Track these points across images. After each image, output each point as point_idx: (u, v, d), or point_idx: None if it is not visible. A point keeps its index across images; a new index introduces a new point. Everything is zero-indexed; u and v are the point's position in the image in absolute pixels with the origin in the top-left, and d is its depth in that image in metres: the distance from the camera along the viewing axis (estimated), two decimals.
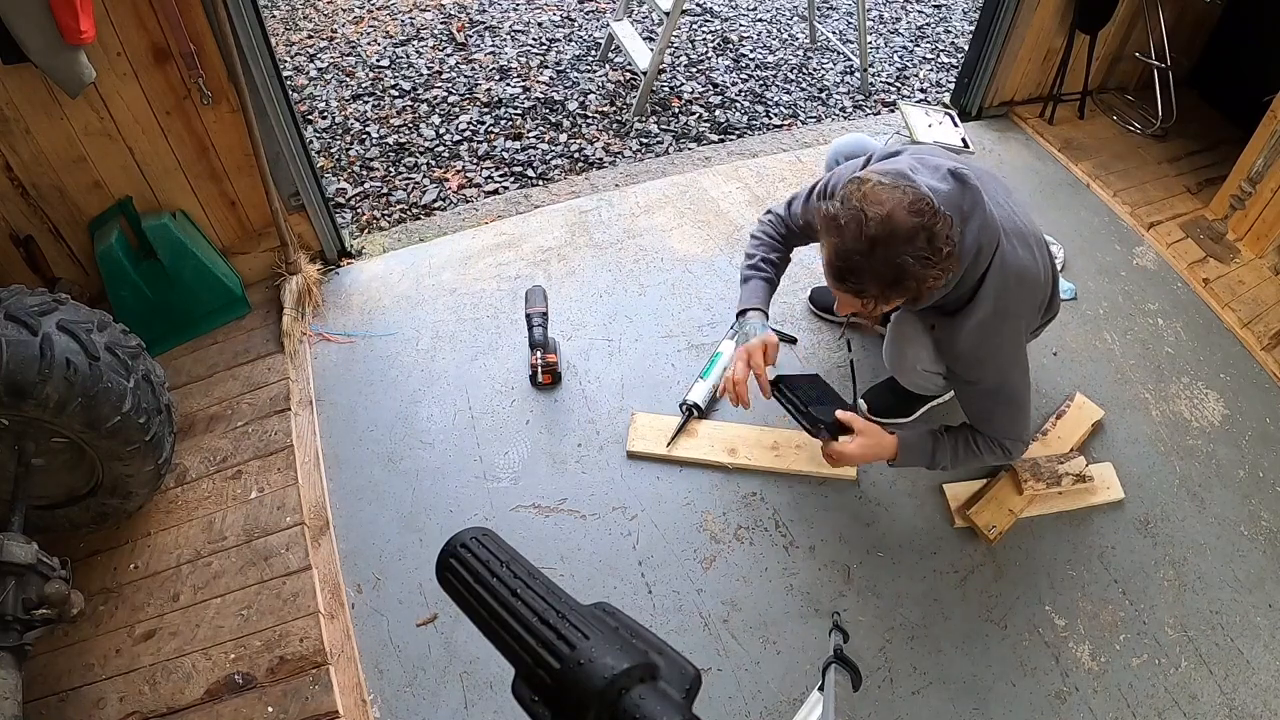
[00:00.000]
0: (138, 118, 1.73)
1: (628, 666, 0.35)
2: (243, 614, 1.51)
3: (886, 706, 1.43)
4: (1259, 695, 1.45)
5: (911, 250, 1.15)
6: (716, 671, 1.47)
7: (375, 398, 1.92)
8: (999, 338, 1.34)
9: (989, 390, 1.40)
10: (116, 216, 1.82)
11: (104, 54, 1.59)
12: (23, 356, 1.23)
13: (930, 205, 1.16)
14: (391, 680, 1.47)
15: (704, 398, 1.82)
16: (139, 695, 1.41)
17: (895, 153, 1.40)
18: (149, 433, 1.45)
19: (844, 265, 1.20)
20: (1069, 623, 1.54)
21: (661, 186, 2.50)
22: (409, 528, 1.68)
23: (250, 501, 1.68)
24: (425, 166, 2.82)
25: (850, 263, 1.19)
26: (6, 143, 1.64)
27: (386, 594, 1.58)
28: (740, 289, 1.63)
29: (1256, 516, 1.70)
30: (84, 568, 1.58)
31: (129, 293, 1.84)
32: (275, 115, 1.85)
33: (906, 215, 1.14)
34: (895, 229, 1.14)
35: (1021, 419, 1.44)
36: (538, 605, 0.39)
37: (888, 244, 1.15)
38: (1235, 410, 1.91)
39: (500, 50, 3.40)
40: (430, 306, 2.13)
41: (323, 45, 3.45)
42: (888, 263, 1.16)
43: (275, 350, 1.96)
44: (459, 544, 0.44)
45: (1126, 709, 1.43)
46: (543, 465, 1.77)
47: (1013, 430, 1.44)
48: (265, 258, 2.08)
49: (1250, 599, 1.58)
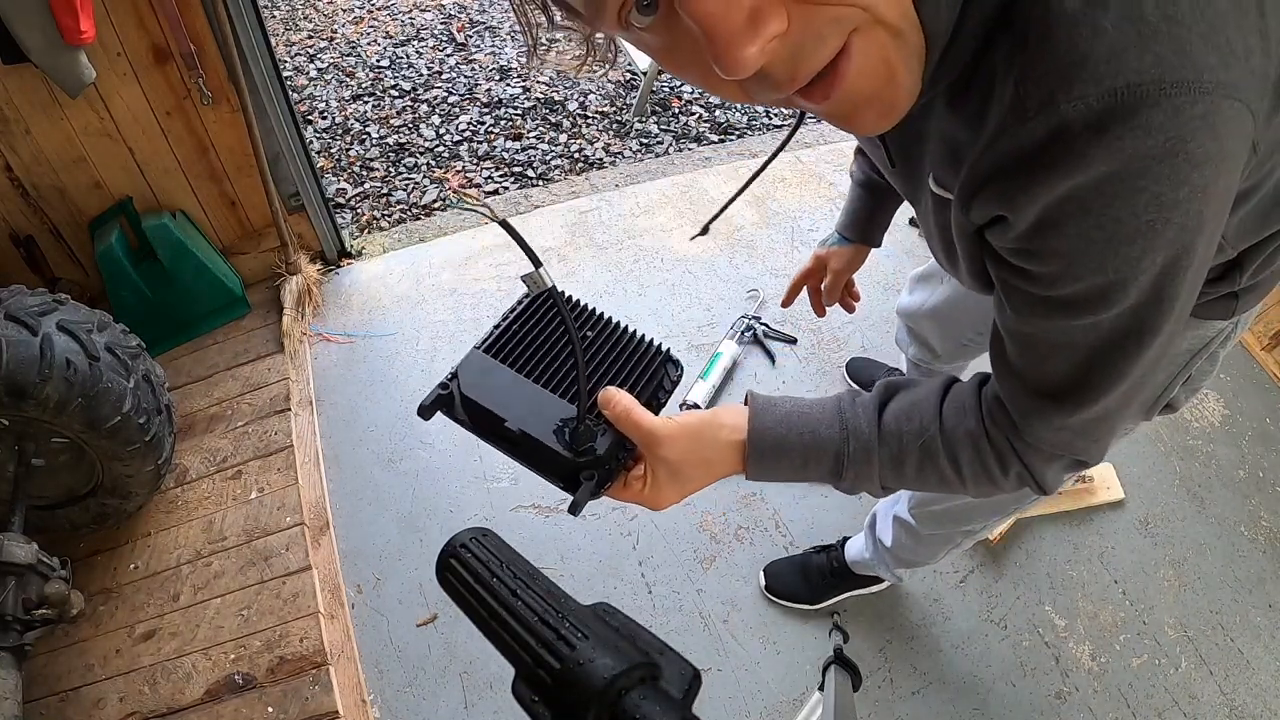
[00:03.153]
0: (138, 118, 1.73)
1: (627, 667, 0.35)
2: (243, 614, 1.51)
3: (886, 706, 1.43)
4: (1259, 695, 1.45)
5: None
6: (716, 671, 1.47)
7: (375, 398, 1.92)
8: (1150, 196, 0.44)
9: (1094, 326, 0.52)
10: (116, 216, 1.82)
11: (104, 54, 1.59)
12: (23, 357, 1.23)
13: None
14: (391, 680, 1.47)
15: (704, 398, 1.82)
16: (139, 695, 1.41)
17: None
18: (149, 433, 1.45)
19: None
20: (1069, 623, 1.54)
21: (661, 187, 2.49)
22: (409, 528, 1.68)
23: (250, 501, 1.68)
24: (425, 167, 2.82)
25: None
26: (7, 143, 1.64)
27: (386, 594, 1.58)
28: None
29: (1256, 516, 1.70)
30: (84, 568, 1.58)
31: (129, 293, 1.84)
32: (275, 115, 1.85)
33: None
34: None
35: (1119, 414, 0.58)
36: (538, 605, 0.39)
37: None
38: (1235, 410, 1.91)
39: (500, 50, 3.40)
40: (430, 306, 2.13)
41: (323, 45, 3.45)
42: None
43: (275, 350, 1.96)
44: (459, 544, 0.44)
45: (1126, 709, 1.43)
46: None
47: (1094, 437, 0.60)
48: (265, 258, 2.08)
49: (1250, 599, 1.58)
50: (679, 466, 0.66)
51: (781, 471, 0.67)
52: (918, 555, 1.25)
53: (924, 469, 0.64)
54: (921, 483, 0.66)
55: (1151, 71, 0.40)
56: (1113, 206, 0.44)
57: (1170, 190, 0.43)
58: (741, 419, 0.67)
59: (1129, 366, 0.53)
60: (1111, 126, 0.41)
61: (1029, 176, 0.45)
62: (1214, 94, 0.41)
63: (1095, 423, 0.57)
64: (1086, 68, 0.41)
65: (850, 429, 0.64)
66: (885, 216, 1.11)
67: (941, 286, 1.25)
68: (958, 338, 1.28)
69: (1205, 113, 0.41)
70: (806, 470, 0.66)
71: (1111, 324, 0.51)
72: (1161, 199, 0.43)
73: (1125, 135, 0.41)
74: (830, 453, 0.65)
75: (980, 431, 0.62)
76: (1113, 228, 0.45)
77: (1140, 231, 0.44)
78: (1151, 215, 0.44)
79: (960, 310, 1.22)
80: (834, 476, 0.66)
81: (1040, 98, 0.43)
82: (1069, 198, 0.44)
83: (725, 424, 0.67)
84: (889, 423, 0.64)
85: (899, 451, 0.63)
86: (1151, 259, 0.46)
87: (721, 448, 0.67)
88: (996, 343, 0.60)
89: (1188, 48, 0.40)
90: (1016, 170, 0.45)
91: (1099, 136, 0.41)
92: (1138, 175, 0.42)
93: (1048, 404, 0.57)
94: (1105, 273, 0.47)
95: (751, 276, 2.14)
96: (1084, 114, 0.41)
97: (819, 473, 0.66)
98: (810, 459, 0.65)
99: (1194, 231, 0.45)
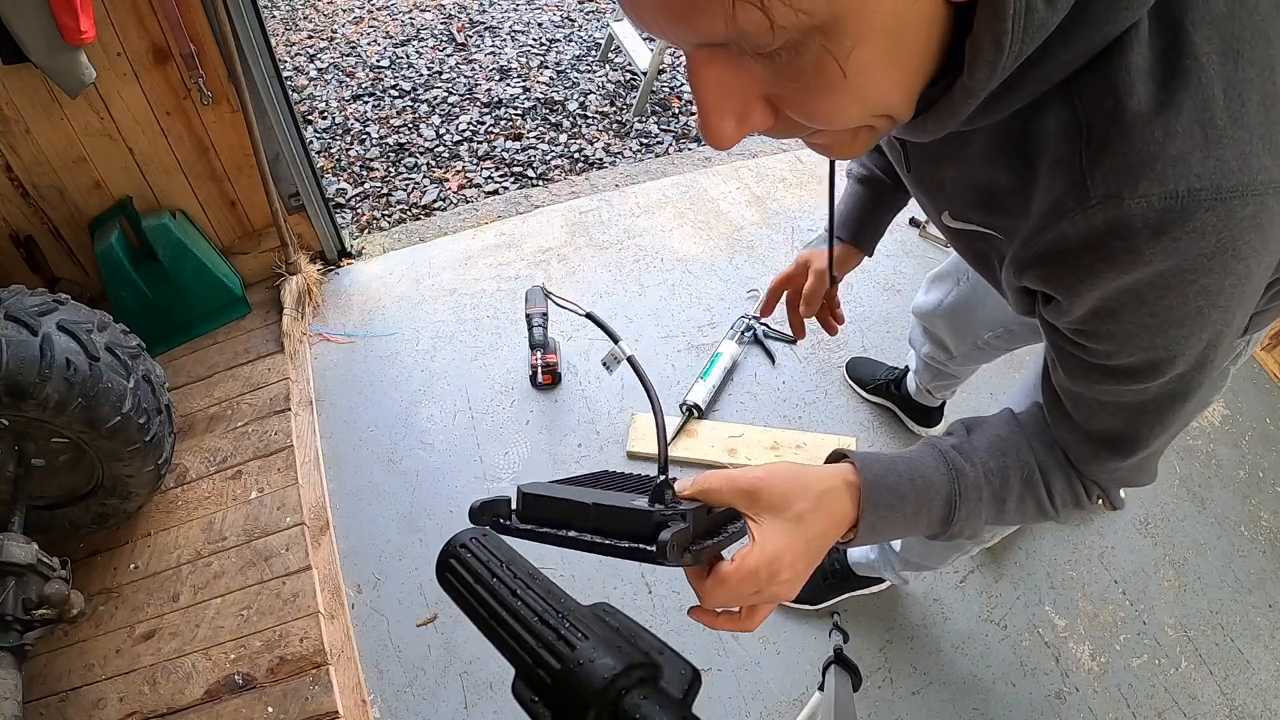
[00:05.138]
0: (138, 118, 1.73)
1: (627, 667, 0.35)
2: (243, 614, 1.51)
3: (886, 706, 1.43)
4: (1259, 695, 1.45)
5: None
6: (716, 671, 1.47)
7: (375, 398, 1.92)
8: (1201, 281, 0.48)
9: (1151, 390, 0.57)
10: (116, 216, 1.82)
11: (104, 54, 1.59)
12: (23, 357, 1.23)
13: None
14: (391, 680, 1.47)
15: (704, 398, 1.82)
16: (139, 695, 1.41)
17: None
18: (149, 433, 1.45)
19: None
20: (1069, 623, 1.54)
21: (661, 187, 2.49)
22: (409, 528, 1.68)
23: (250, 501, 1.68)
24: (425, 167, 2.82)
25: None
26: (7, 143, 1.64)
27: (386, 594, 1.58)
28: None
29: (1256, 516, 1.70)
30: (84, 568, 1.58)
31: (129, 293, 1.84)
32: (275, 115, 1.85)
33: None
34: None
35: (1164, 448, 0.64)
36: (538, 605, 0.39)
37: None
38: (1235, 410, 1.91)
39: (500, 50, 3.40)
40: (430, 307, 2.13)
41: (323, 45, 3.45)
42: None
43: (275, 350, 1.96)
44: (459, 544, 0.44)
45: (1126, 709, 1.43)
46: (543, 465, 1.77)
47: (1144, 469, 0.64)
48: (265, 258, 2.08)
49: (1250, 599, 1.58)
50: (786, 501, 0.57)
51: (893, 521, 0.61)
52: (927, 559, 1.25)
53: (1025, 501, 0.64)
54: (1021, 515, 0.65)
55: (1212, 177, 0.43)
56: (1165, 298, 0.48)
57: (1218, 281, 0.47)
58: (837, 467, 0.62)
59: (1174, 420, 0.58)
60: (1169, 229, 0.44)
61: (1088, 268, 0.48)
62: (1264, 193, 0.43)
63: (1145, 460, 0.63)
64: (1155, 169, 0.43)
65: (956, 470, 0.62)
66: (882, 221, 1.03)
67: (959, 287, 1.24)
68: (973, 339, 1.27)
69: (1255, 213, 0.44)
70: (918, 519, 0.62)
71: (1159, 389, 0.55)
72: (1209, 289, 0.47)
73: (1182, 238, 0.44)
74: (941, 496, 0.62)
75: (1068, 461, 0.64)
76: (1164, 315, 0.49)
77: (1189, 316, 0.49)
78: (1200, 302, 0.48)
79: (977, 310, 1.22)
80: (944, 524, 0.63)
81: (1106, 189, 0.45)
82: (1126, 290, 0.48)
83: (822, 469, 0.61)
84: (987, 460, 0.63)
85: (1001, 487, 0.63)
86: (1199, 337, 0.51)
87: (829, 490, 0.59)
88: (1049, 392, 0.63)
89: (1247, 150, 0.43)
90: (1074, 256, 0.48)
91: (1157, 238, 0.44)
92: (1189, 271, 0.46)
93: (1101, 450, 0.61)
94: (1155, 350, 0.52)
95: (751, 276, 2.14)
96: (1145, 212, 0.44)
97: (928, 519, 0.62)
98: (923, 506, 0.62)
99: (1235, 309, 0.50)
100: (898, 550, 1.28)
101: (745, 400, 1.88)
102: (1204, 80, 0.42)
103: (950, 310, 1.27)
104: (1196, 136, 0.42)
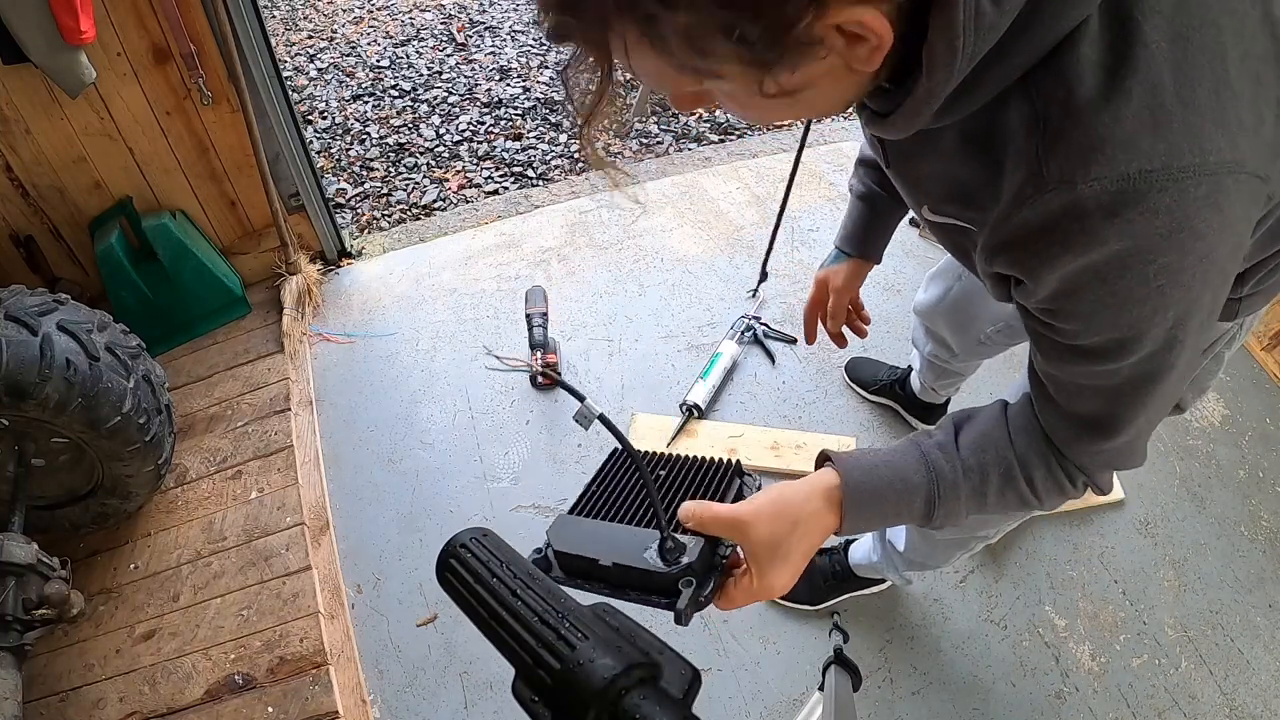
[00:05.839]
0: (138, 118, 1.73)
1: (627, 667, 0.35)
2: (243, 614, 1.51)
3: (886, 706, 1.43)
4: (1259, 695, 1.45)
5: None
6: (716, 671, 1.47)
7: (375, 398, 1.92)
8: (1156, 260, 0.49)
9: (1119, 370, 0.58)
10: (116, 216, 1.82)
11: (104, 54, 1.59)
12: (23, 357, 1.23)
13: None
14: (391, 680, 1.47)
15: (704, 398, 1.82)
16: (139, 695, 1.41)
17: None
18: (149, 433, 1.45)
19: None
20: (1069, 623, 1.54)
21: (661, 187, 2.49)
22: (409, 528, 1.68)
23: (250, 501, 1.68)
24: (425, 167, 2.82)
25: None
26: (7, 143, 1.64)
27: (386, 594, 1.58)
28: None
29: (1256, 516, 1.70)
30: (84, 568, 1.58)
31: (129, 293, 1.84)
32: (275, 115, 1.85)
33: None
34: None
35: (1149, 430, 0.65)
36: (538, 605, 0.39)
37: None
38: (1235, 410, 1.91)
39: (500, 50, 3.40)
40: (430, 307, 2.13)
41: (323, 45, 3.45)
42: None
43: (275, 350, 1.96)
44: (459, 544, 0.44)
45: (1126, 709, 1.43)
46: (543, 465, 1.77)
47: (1130, 451, 0.65)
48: (265, 258, 2.08)
49: (1250, 599, 1.58)
50: (775, 540, 0.64)
51: (874, 521, 0.67)
52: (931, 558, 1.25)
53: (1005, 494, 0.67)
54: (1002, 506, 0.68)
55: (1163, 158, 0.44)
56: (1125, 277, 0.48)
57: (1177, 259, 0.47)
58: (820, 478, 0.68)
59: (1150, 400, 0.59)
60: (1122, 210, 0.45)
61: (1046, 251, 0.50)
62: (1218, 173, 0.45)
63: (1128, 443, 0.64)
64: (1106, 152, 0.44)
65: (935, 470, 0.66)
66: (885, 231, 1.09)
67: (958, 283, 1.25)
68: (974, 334, 1.28)
69: (1209, 192, 0.45)
70: (899, 517, 0.68)
71: (1131, 369, 0.56)
72: (1169, 267, 0.48)
73: (1135, 218, 0.45)
74: (921, 497, 0.66)
75: (1049, 450, 0.65)
76: (1125, 293, 0.49)
77: (1150, 295, 0.49)
78: (1160, 281, 0.48)
79: (976, 305, 1.23)
80: (924, 519, 0.67)
81: (1060, 175, 0.46)
82: (1085, 270, 0.49)
83: (804, 486, 0.67)
84: (968, 458, 0.66)
85: (981, 483, 0.66)
86: (1162, 315, 0.51)
87: (810, 508, 0.66)
88: (1034, 378, 0.65)
89: (1198, 132, 0.44)
90: (1035, 240, 0.50)
91: (1111, 219, 0.46)
92: (1147, 250, 0.47)
93: (1084, 432, 0.63)
94: (1120, 329, 0.52)
95: (752, 276, 2.14)
96: (1098, 195, 0.45)
97: (909, 517, 0.68)
98: (903, 507, 0.67)
99: (1200, 288, 0.50)
100: (901, 550, 1.29)
101: (745, 400, 1.88)
102: (1153, 67, 0.44)
103: (950, 307, 1.28)
104: (1146, 120, 0.44)
